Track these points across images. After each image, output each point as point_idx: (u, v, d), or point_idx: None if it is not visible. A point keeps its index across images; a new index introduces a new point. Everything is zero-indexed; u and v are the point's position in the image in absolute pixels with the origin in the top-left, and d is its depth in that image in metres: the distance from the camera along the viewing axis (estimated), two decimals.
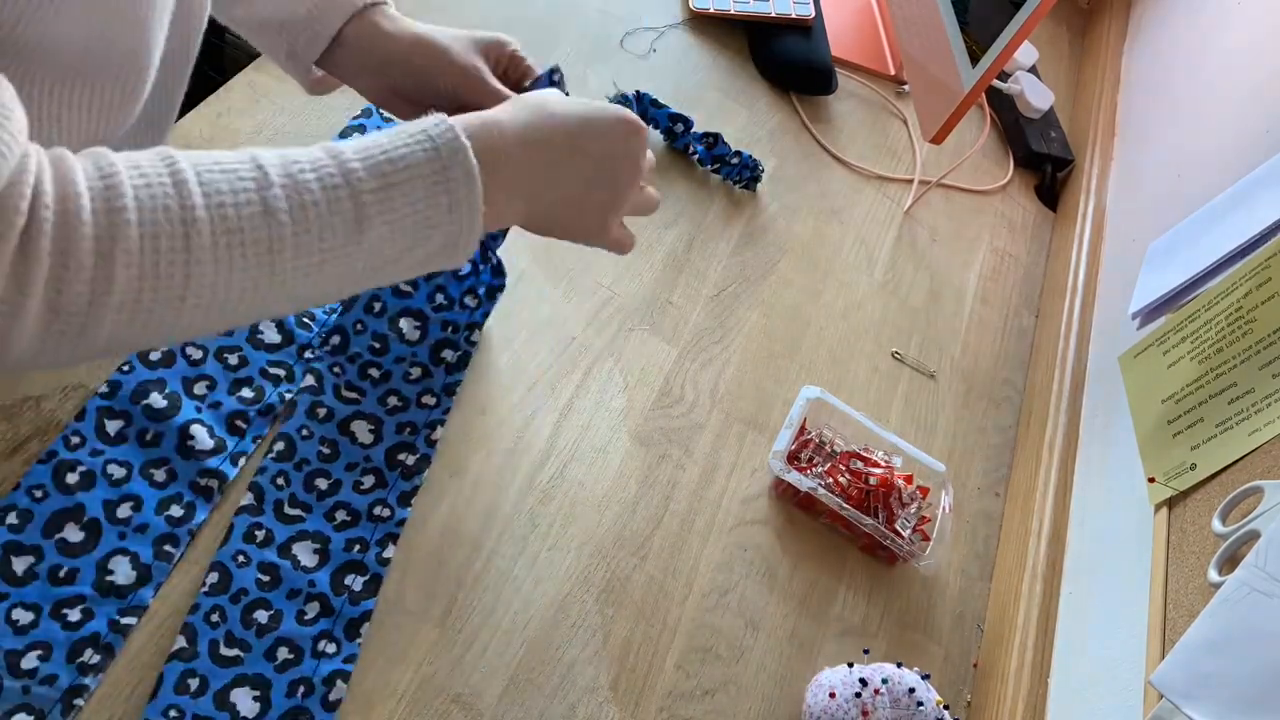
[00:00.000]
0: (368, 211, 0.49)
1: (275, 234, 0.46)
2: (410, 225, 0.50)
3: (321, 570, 0.68)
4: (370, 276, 0.51)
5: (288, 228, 0.46)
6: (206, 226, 0.44)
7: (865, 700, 0.75)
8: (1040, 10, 0.95)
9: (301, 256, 0.47)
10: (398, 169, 0.49)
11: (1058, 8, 1.59)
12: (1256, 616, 0.63)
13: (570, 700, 0.72)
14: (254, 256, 0.46)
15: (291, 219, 0.46)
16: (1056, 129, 1.35)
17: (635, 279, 0.95)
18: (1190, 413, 0.82)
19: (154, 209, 0.43)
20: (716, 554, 0.83)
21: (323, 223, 0.47)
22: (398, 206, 0.49)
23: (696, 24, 1.21)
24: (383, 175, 0.49)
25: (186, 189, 0.44)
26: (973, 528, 0.97)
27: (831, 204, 1.14)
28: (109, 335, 0.44)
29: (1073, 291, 1.15)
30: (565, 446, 0.83)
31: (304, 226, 0.47)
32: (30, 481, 0.64)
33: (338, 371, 0.73)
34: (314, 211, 0.47)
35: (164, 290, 0.44)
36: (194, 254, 0.44)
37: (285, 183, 0.46)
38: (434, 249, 0.52)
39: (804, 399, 0.90)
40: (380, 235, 0.49)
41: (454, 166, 0.51)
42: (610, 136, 0.59)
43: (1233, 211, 0.92)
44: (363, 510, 0.71)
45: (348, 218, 0.48)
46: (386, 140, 0.50)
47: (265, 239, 0.46)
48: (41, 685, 0.59)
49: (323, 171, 0.48)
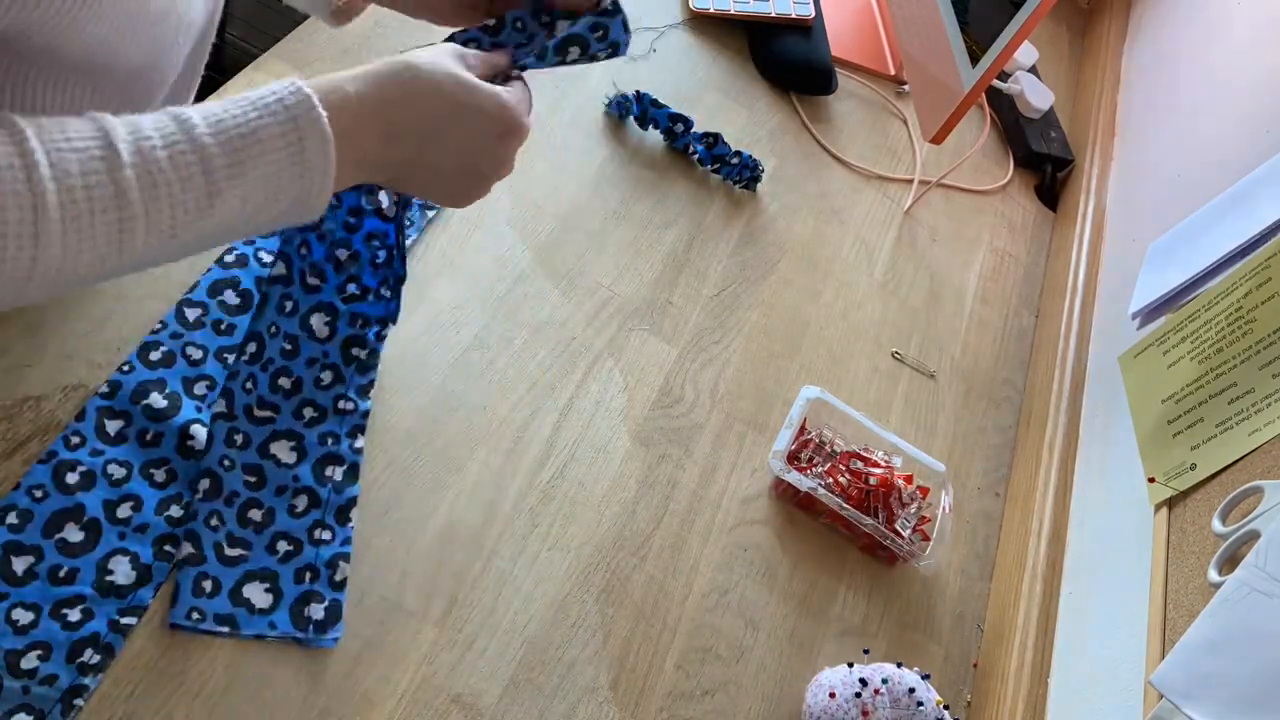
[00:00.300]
0: (220, 186, 0.48)
1: (126, 215, 0.46)
2: (261, 195, 0.50)
3: (302, 464, 0.71)
4: (218, 239, 0.52)
5: (138, 207, 0.46)
6: (56, 212, 0.44)
7: (865, 700, 0.75)
8: (1040, 10, 0.95)
9: (152, 234, 0.47)
10: (250, 143, 0.49)
11: (1058, 8, 1.59)
12: (1256, 616, 0.63)
13: (570, 700, 0.72)
14: (104, 238, 0.46)
15: (143, 199, 0.46)
16: (1056, 129, 1.35)
17: (635, 279, 0.95)
18: (1190, 413, 0.82)
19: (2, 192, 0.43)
20: (716, 554, 0.83)
21: (174, 200, 0.47)
22: (250, 179, 0.49)
23: (696, 24, 1.21)
24: (235, 150, 0.48)
25: (36, 172, 0.43)
26: (973, 528, 0.97)
27: (831, 204, 1.14)
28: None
29: (1073, 291, 1.15)
30: (565, 446, 0.83)
31: (155, 206, 0.47)
32: (30, 481, 0.64)
33: (249, 388, 0.71)
34: (165, 190, 0.47)
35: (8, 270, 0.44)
36: (42, 239, 0.44)
37: (136, 162, 0.46)
38: (282, 211, 0.52)
39: (804, 399, 0.90)
40: (231, 206, 0.49)
41: (309, 137, 0.50)
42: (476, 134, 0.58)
43: (1233, 211, 0.92)
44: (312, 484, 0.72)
45: (200, 193, 0.48)
46: (240, 111, 0.49)
47: (115, 221, 0.46)
48: (41, 685, 0.59)
49: (175, 149, 0.47)
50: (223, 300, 0.76)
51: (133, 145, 0.46)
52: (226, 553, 0.67)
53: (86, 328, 0.72)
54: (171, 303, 0.75)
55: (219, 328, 0.75)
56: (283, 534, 0.69)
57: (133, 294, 0.74)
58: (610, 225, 0.98)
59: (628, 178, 1.02)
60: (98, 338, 0.72)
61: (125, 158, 0.45)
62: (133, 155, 0.46)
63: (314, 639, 0.67)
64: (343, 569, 0.69)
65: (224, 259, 0.78)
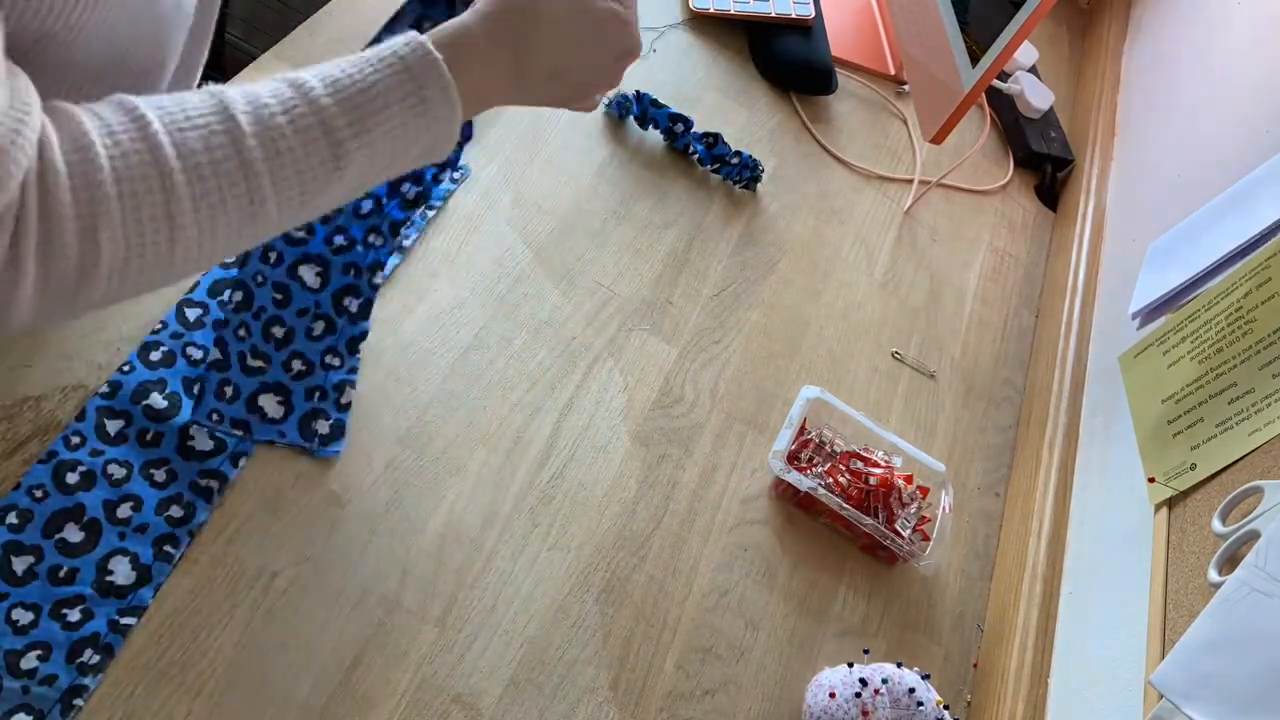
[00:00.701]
0: (346, 148, 0.48)
1: (254, 186, 0.46)
2: (388, 149, 0.50)
3: (324, 292, 0.73)
4: (350, 195, 0.51)
5: (265, 178, 0.46)
6: (185, 190, 0.44)
7: (865, 700, 0.75)
8: (1040, 10, 0.95)
9: (283, 202, 0.47)
10: (371, 99, 0.48)
11: (1058, 8, 1.59)
12: (1256, 616, 0.63)
13: (570, 700, 0.72)
14: (235, 211, 0.46)
15: (269, 169, 0.46)
16: (1056, 129, 1.35)
17: (635, 279, 0.95)
18: (1190, 413, 0.82)
19: (132, 178, 0.43)
20: (716, 554, 0.83)
21: (300, 167, 0.47)
22: (375, 138, 0.49)
23: (696, 24, 1.21)
24: (356, 108, 0.48)
25: (161, 153, 0.43)
26: (973, 528, 0.97)
27: (831, 204, 1.14)
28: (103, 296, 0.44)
29: (1073, 291, 1.15)
30: (565, 446, 0.83)
31: (282, 175, 0.46)
32: (30, 481, 0.64)
33: (242, 335, 0.73)
34: (290, 158, 0.46)
35: (150, 254, 0.44)
36: (176, 219, 0.44)
37: (258, 131, 0.45)
38: (412, 161, 0.52)
39: (804, 399, 0.90)
40: (359, 165, 0.49)
41: (429, 85, 0.50)
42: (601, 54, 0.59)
43: (1233, 211, 0.92)
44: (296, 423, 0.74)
45: (325, 157, 0.47)
46: (356, 70, 0.49)
47: (245, 194, 0.46)
48: (41, 685, 0.59)
49: (294, 113, 0.47)
50: (223, 300, 0.76)
51: (253, 115, 0.45)
52: (249, 363, 0.71)
53: (86, 328, 0.72)
54: (171, 303, 0.75)
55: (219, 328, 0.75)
56: (299, 354, 0.73)
57: None
58: (610, 225, 0.98)
59: (628, 178, 1.02)
60: (98, 338, 0.72)
61: (246, 129, 0.45)
62: (254, 125, 0.45)
63: (318, 449, 0.73)
64: (349, 393, 0.75)
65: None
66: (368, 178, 0.51)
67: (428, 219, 0.88)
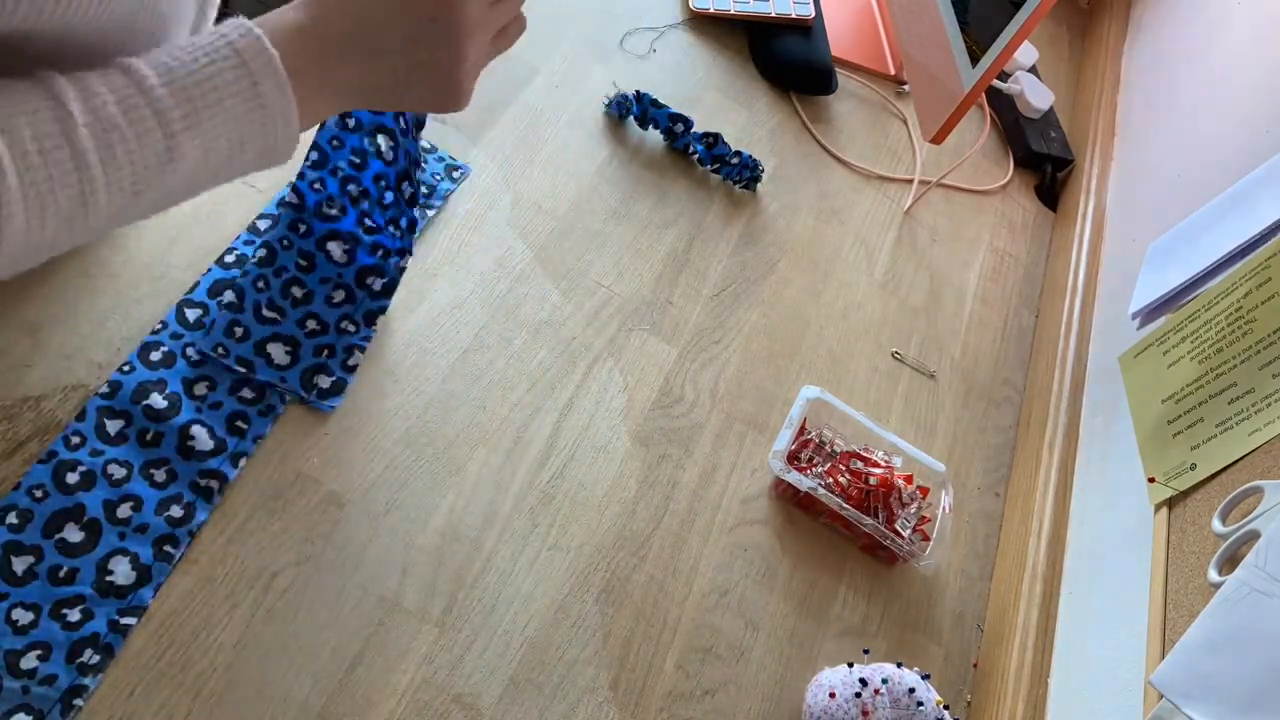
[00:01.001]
0: (179, 140, 0.47)
1: (86, 177, 0.45)
2: (224, 144, 0.49)
3: (349, 267, 0.77)
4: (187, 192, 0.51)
5: (97, 168, 0.45)
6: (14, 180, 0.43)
7: (865, 700, 0.75)
8: (1040, 10, 0.95)
9: (115, 193, 0.46)
10: (205, 91, 0.47)
11: (1058, 8, 1.59)
12: (1256, 616, 0.63)
13: (570, 700, 0.72)
14: (66, 201, 0.45)
15: (101, 159, 0.45)
16: (1056, 129, 1.35)
17: (635, 279, 0.95)
18: (1190, 413, 0.82)
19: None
20: (716, 554, 0.83)
21: (133, 157, 0.46)
22: (209, 130, 0.48)
23: (696, 24, 1.21)
24: (190, 100, 0.47)
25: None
26: (973, 528, 0.97)
27: (831, 204, 1.14)
28: None
29: (1073, 291, 1.15)
30: (565, 446, 0.83)
31: (114, 165, 0.45)
32: (30, 481, 0.64)
33: (260, 287, 0.74)
34: (122, 149, 0.45)
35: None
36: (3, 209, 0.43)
37: (90, 121, 0.45)
38: (250, 160, 0.51)
39: (804, 399, 0.90)
40: (194, 159, 0.48)
41: (264, 80, 0.49)
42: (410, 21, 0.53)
43: (1233, 211, 0.92)
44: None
45: (159, 149, 0.47)
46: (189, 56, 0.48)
47: (76, 184, 0.45)
48: (41, 685, 0.59)
49: (128, 104, 0.46)
50: (222, 300, 0.76)
51: (85, 104, 0.45)
52: (263, 313, 0.74)
53: (86, 328, 0.72)
54: (171, 303, 0.75)
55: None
56: (314, 315, 0.76)
57: (133, 294, 0.74)
58: (610, 225, 0.98)
59: (628, 178, 1.02)
60: (98, 338, 0.72)
61: (79, 118, 0.44)
62: (86, 115, 0.44)
63: (315, 401, 0.74)
64: (356, 356, 0.77)
65: (224, 259, 0.78)
66: (202, 173, 0.49)
67: (428, 219, 0.88)
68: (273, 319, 0.74)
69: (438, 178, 0.90)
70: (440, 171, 0.91)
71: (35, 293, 0.72)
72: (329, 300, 0.75)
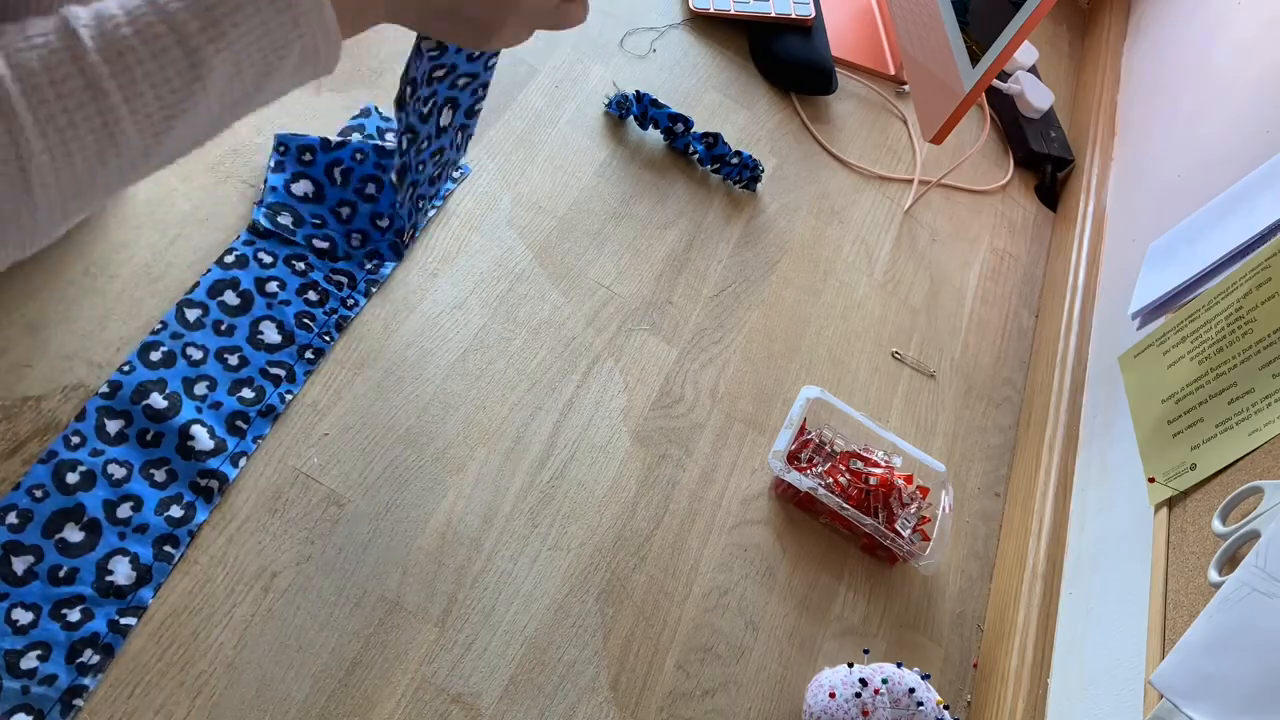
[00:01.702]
0: (202, 55, 0.44)
1: (105, 104, 0.42)
2: (257, 54, 0.46)
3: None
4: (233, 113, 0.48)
5: (115, 94, 0.42)
6: (27, 114, 0.41)
7: (865, 700, 0.75)
8: (1040, 10, 0.95)
9: (141, 120, 0.44)
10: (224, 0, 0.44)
11: (1058, 8, 1.59)
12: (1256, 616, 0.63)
13: (570, 700, 0.72)
14: (88, 131, 0.42)
15: (118, 83, 0.42)
16: (1056, 129, 1.35)
17: (635, 279, 0.95)
18: (1190, 413, 0.82)
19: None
20: (716, 554, 0.83)
21: (154, 80, 0.43)
22: (235, 40, 0.45)
23: (696, 24, 1.21)
24: (208, 10, 0.44)
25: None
26: (973, 528, 0.97)
27: (831, 204, 1.14)
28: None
29: (1073, 291, 1.15)
30: (565, 446, 0.83)
31: (134, 90, 0.43)
32: (30, 481, 0.64)
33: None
34: (141, 71, 0.43)
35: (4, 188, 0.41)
36: (21, 143, 0.41)
37: (101, 45, 0.42)
38: (292, 70, 0.48)
39: (804, 399, 0.90)
40: (225, 74, 0.45)
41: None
42: None
43: (1233, 211, 0.92)
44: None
45: (181, 67, 0.44)
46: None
47: (96, 112, 0.42)
48: (41, 685, 0.59)
49: (141, 23, 0.43)
50: (223, 300, 0.76)
51: (95, 29, 0.42)
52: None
53: (86, 328, 0.72)
54: (171, 303, 0.75)
55: (219, 328, 0.75)
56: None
57: (133, 294, 0.74)
58: (610, 225, 0.98)
59: (628, 178, 1.02)
60: (98, 338, 0.72)
61: (88, 43, 0.42)
62: (95, 39, 0.42)
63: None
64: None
65: (224, 259, 0.78)
66: (239, 90, 0.46)
67: (428, 219, 0.88)
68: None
69: None
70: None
71: (35, 293, 0.72)
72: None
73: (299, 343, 0.77)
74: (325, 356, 0.78)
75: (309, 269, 0.80)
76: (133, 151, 0.44)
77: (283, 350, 0.76)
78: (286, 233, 0.80)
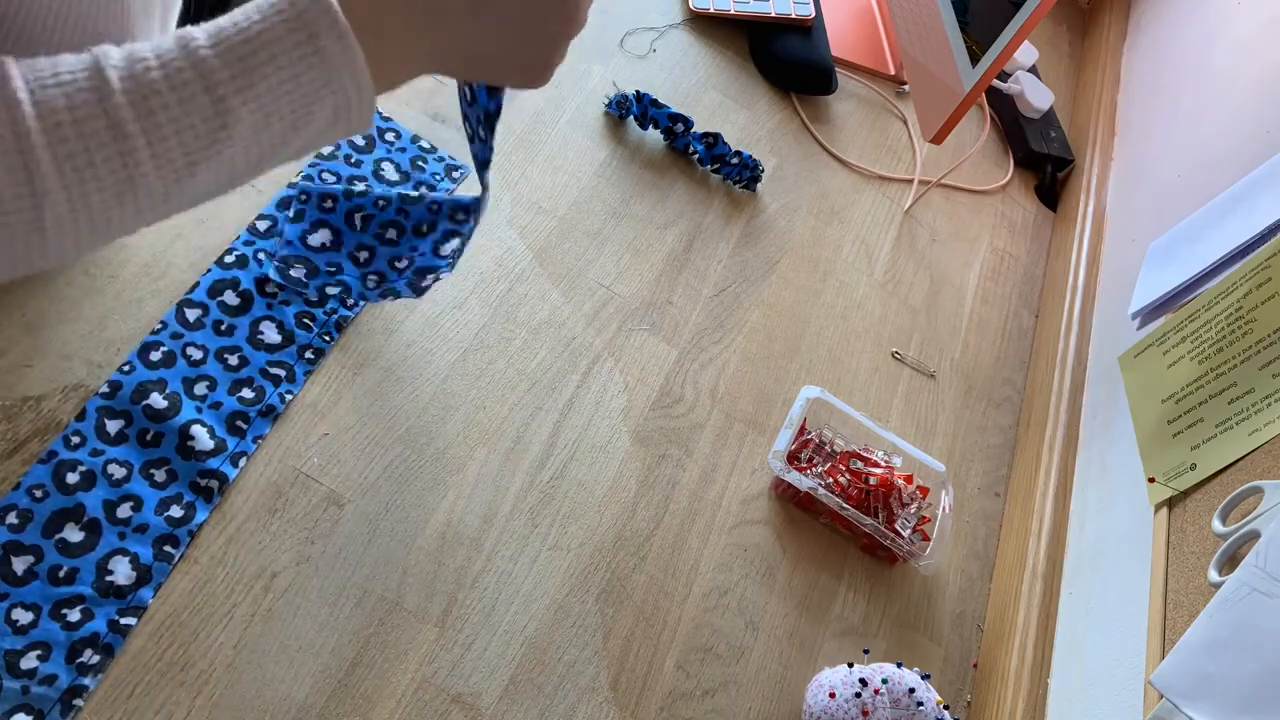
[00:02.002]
0: (229, 104, 0.44)
1: (126, 147, 0.42)
2: (286, 108, 0.45)
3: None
4: (258, 166, 0.47)
5: (138, 138, 0.42)
6: (45, 151, 0.40)
7: (865, 700, 0.75)
8: (1040, 10, 0.95)
9: (163, 166, 0.43)
10: (256, 49, 0.44)
11: (1058, 8, 1.59)
12: (1257, 616, 0.63)
13: (570, 700, 0.72)
14: (108, 174, 0.42)
15: (142, 127, 0.42)
16: (1056, 129, 1.35)
17: (635, 279, 0.95)
18: (1190, 413, 0.82)
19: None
20: (716, 554, 0.83)
21: (178, 126, 0.43)
22: (262, 92, 0.44)
23: (696, 24, 1.21)
24: (239, 60, 0.43)
25: (18, 111, 0.40)
26: (973, 528, 0.97)
27: (831, 204, 1.14)
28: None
29: (1073, 291, 1.15)
30: (565, 446, 0.83)
31: (158, 135, 0.42)
32: (30, 481, 0.64)
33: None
34: (165, 115, 0.42)
35: (18, 225, 0.41)
36: (37, 180, 0.40)
37: (128, 88, 0.42)
38: (323, 125, 0.47)
39: (804, 399, 0.90)
40: (252, 125, 0.45)
41: (323, 34, 0.44)
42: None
43: (1233, 211, 0.92)
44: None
45: (206, 115, 0.43)
46: (243, 16, 0.44)
47: (116, 155, 0.42)
48: (41, 685, 0.59)
49: (171, 67, 0.42)
50: (223, 301, 0.76)
51: (125, 70, 0.42)
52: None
53: (86, 328, 0.72)
54: (171, 303, 0.75)
55: (219, 328, 0.75)
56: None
57: (133, 294, 0.74)
58: (610, 225, 0.98)
59: (628, 178, 1.02)
60: (98, 338, 0.72)
61: (115, 84, 0.41)
62: (124, 81, 0.42)
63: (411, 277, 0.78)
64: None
65: (224, 259, 0.78)
66: (266, 141, 0.46)
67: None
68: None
69: (438, 178, 0.90)
70: (440, 171, 0.91)
71: (35, 293, 0.72)
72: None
73: (299, 343, 0.77)
74: (325, 356, 0.78)
75: None
76: (152, 196, 0.44)
77: (283, 350, 0.76)
78: (298, 286, 0.78)
